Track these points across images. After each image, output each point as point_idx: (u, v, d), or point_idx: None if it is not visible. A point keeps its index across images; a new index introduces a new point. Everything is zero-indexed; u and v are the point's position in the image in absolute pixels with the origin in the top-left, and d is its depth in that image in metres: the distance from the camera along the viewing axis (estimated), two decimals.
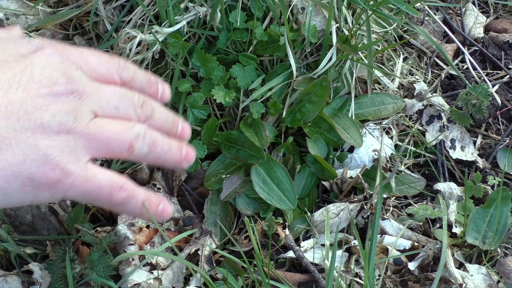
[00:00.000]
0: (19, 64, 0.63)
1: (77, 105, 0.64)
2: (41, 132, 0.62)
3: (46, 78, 0.63)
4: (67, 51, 0.68)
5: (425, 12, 1.16)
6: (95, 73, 0.69)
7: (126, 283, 0.81)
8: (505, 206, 0.88)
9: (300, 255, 0.85)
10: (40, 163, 0.62)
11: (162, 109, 0.74)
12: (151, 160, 0.71)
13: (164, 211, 0.73)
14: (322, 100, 0.95)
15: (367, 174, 0.95)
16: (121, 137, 0.67)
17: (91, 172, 0.65)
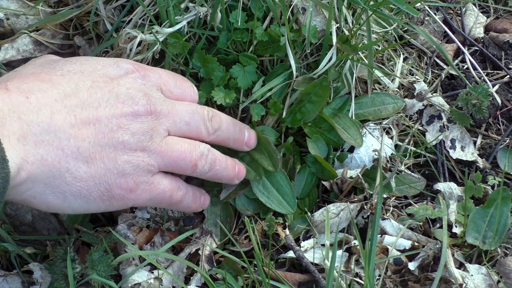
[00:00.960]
0: (108, 85, 0.71)
1: (154, 125, 0.73)
2: (121, 149, 0.70)
3: (130, 99, 0.72)
4: (149, 74, 0.77)
5: (425, 12, 1.16)
6: (171, 93, 0.79)
7: (127, 283, 0.81)
8: (505, 206, 0.88)
9: (300, 255, 0.85)
10: (118, 176, 0.71)
11: (229, 120, 0.85)
12: (210, 177, 0.82)
13: (205, 202, 0.87)
14: (322, 100, 0.95)
15: (367, 174, 0.95)
16: (187, 155, 0.76)
17: (157, 181, 0.75)
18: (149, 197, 0.75)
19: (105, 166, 0.69)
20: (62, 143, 0.65)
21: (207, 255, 0.86)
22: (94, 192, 0.70)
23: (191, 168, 0.77)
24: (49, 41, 1.01)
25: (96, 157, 0.68)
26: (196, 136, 0.79)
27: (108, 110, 0.70)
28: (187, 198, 0.82)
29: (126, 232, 0.87)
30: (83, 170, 0.68)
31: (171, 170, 0.77)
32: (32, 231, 0.91)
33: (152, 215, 0.92)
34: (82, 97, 0.68)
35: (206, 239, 0.88)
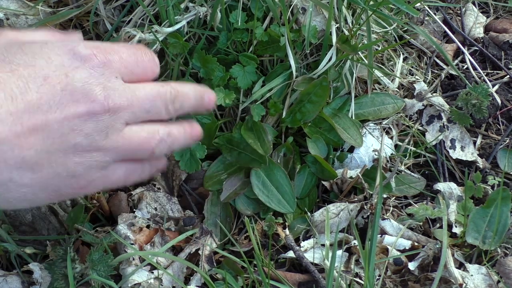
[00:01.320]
0: (61, 82, 0.64)
1: (111, 122, 0.66)
2: (73, 152, 0.65)
3: (85, 96, 0.65)
4: (109, 59, 0.69)
5: (425, 12, 1.16)
6: (132, 74, 0.71)
7: (127, 283, 0.81)
8: (505, 206, 0.88)
9: (300, 255, 0.85)
10: (68, 178, 0.66)
11: (191, 94, 0.77)
12: (166, 152, 0.75)
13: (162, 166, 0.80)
14: (322, 100, 0.95)
15: (367, 174, 0.95)
16: (145, 145, 0.71)
17: (111, 172, 0.70)
18: (102, 187, 0.71)
19: (53, 171, 0.64)
20: (5, 154, 0.60)
21: (207, 255, 0.86)
22: (41, 194, 0.66)
23: (149, 154, 0.73)
24: None
25: (43, 163, 0.63)
26: (157, 118, 0.73)
27: (59, 113, 0.63)
28: (143, 175, 0.76)
29: (126, 232, 0.87)
30: (28, 177, 0.63)
31: (128, 158, 0.72)
32: (32, 231, 0.91)
33: (152, 215, 0.92)
34: (31, 99, 0.62)
35: (206, 239, 0.88)
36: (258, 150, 0.90)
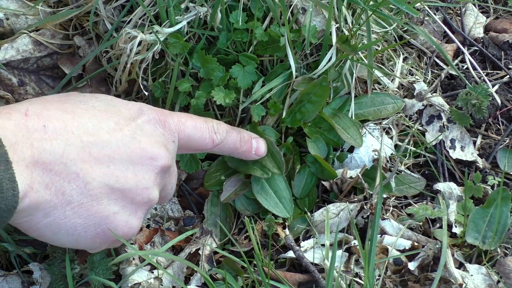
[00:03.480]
0: (130, 130, 0.70)
1: (160, 181, 0.73)
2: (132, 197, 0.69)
3: (150, 153, 0.71)
4: (169, 121, 0.76)
5: (425, 12, 1.16)
6: (189, 138, 0.79)
7: (127, 283, 0.81)
8: (505, 206, 0.88)
9: (300, 255, 0.85)
10: (123, 222, 0.69)
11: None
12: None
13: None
14: (322, 100, 0.95)
15: (367, 174, 0.95)
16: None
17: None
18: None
19: (111, 209, 0.68)
20: (70, 176, 0.64)
21: (207, 255, 0.86)
22: (90, 231, 0.68)
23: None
24: (49, 41, 1.00)
25: (103, 198, 0.67)
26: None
27: (125, 155, 0.68)
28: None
29: None
30: (86, 207, 0.66)
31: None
32: None
33: (153, 215, 0.92)
34: (102, 136, 0.67)
35: (206, 239, 0.88)
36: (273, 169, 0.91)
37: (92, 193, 0.65)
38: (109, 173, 0.66)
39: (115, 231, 0.68)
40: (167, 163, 0.72)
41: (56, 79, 1.03)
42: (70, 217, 0.65)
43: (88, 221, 0.66)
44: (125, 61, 0.93)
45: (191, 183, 0.99)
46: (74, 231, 0.67)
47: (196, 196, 0.98)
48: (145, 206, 0.71)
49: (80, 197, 0.65)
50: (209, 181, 0.95)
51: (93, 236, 0.68)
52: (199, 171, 0.97)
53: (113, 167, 0.67)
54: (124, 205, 0.68)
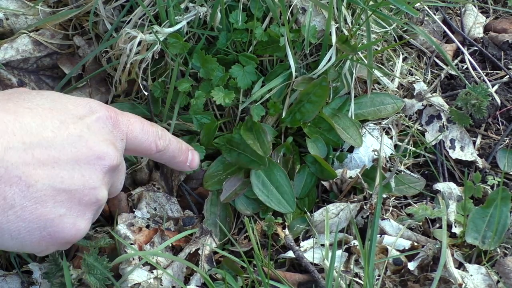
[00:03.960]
0: (77, 128, 0.68)
1: (109, 179, 0.71)
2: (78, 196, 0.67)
3: (97, 146, 0.68)
4: (119, 120, 0.74)
5: (425, 12, 1.16)
6: (136, 139, 0.77)
7: (126, 283, 0.81)
8: (505, 206, 0.88)
9: (299, 255, 0.85)
10: (71, 223, 0.67)
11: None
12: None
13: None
14: (321, 100, 0.95)
15: (367, 174, 0.95)
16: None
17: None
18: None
19: (56, 211, 0.65)
20: (12, 179, 0.62)
21: (207, 255, 0.86)
22: (35, 235, 0.66)
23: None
24: (49, 41, 1.00)
25: (47, 200, 0.64)
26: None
27: (71, 154, 0.66)
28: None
29: (126, 232, 0.87)
30: (29, 211, 0.64)
31: None
32: None
33: (152, 215, 0.92)
34: (46, 136, 0.64)
35: (206, 239, 0.88)
36: (258, 151, 0.90)
37: (35, 195, 0.63)
38: (54, 174, 0.64)
39: (62, 233, 0.66)
40: (115, 162, 0.70)
41: (56, 79, 1.03)
42: (13, 221, 0.63)
43: (33, 224, 0.64)
44: (125, 61, 0.93)
45: (190, 183, 0.99)
46: (18, 235, 0.64)
47: (196, 196, 0.98)
48: (93, 207, 0.68)
49: (23, 200, 0.63)
50: (209, 181, 0.95)
51: (39, 240, 0.66)
52: (199, 171, 0.97)
53: (58, 168, 0.65)
54: (71, 207, 0.66)
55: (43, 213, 0.64)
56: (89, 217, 0.69)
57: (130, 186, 0.97)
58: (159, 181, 0.97)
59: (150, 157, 0.83)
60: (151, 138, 0.79)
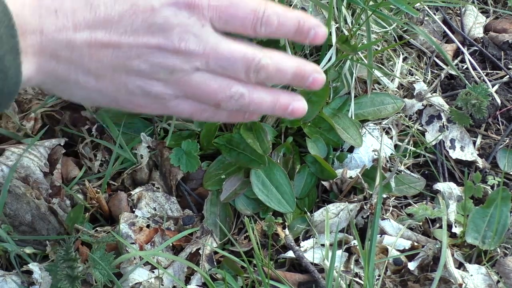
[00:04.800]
0: (145, 14, 0.65)
1: (179, 63, 0.67)
2: (135, 75, 0.67)
3: (161, 32, 0.65)
4: (202, 4, 0.66)
5: (425, 12, 1.16)
6: (227, 24, 0.68)
7: (127, 282, 0.81)
8: (505, 206, 0.88)
9: (300, 255, 0.85)
10: (126, 94, 0.69)
11: (289, 69, 0.70)
12: (242, 109, 0.72)
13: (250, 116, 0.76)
14: (321, 100, 0.95)
15: (367, 174, 0.95)
16: (211, 96, 0.69)
17: (173, 105, 0.70)
18: (163, 114, 0.79)
19: (114, 86, 0.68)
20: (76, 59, 0.64)
21: (207, 255, 0.86)
22: (101, 100, 0.70)
23: (214, 105, 0.71)
24: None
25: (106, 77, 0.67)
26: (233, 77, 0.69)
27: (132, 39, 0.65)
28: (217, 118, 0.75)
29: (127, 232, 0.87)
30: (92, 84, 0.67)
31: (191, 99, 0.71)
32: (32, 231, 0.91)
33: (152, 215, 0.92)
34: (111, 19, 0.64)
35: (206, 239, 0.88)
36: (257, 150, 0.90)
37: (96, 72, 0.67)
38: (113, 56, 0.66)
39: (124, 101, 0.70)
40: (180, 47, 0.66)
41: None
42: (79, 91, 0.68)
43: (96, 93, 0.69)
44: None
45: (190, 183, 0.99)
46: (88, 99, 0.70)
47: (196, 196, 0.98)
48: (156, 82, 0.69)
49: (85, 77, 0.66)
50: (209, 180, 0.95)
51: (107, 103, 0.71)
52: (199, 171, 0.97)
53: (118, 50, 0.66)
54: None
55: (104, 86, 0.68)
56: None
57: (130, 186, 0.97)
58: (159, 180, 0.97)
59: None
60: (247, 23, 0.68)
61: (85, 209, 0.91)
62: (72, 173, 0.97)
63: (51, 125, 1.01)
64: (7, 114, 0.98)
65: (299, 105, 0.73)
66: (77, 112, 1.02)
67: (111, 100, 0.70)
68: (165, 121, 0.97)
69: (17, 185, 0.90)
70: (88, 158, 0.98)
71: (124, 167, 0.97)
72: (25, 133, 0.98)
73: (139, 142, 0.96)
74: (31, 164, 0.94)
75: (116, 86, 0.68)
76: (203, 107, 0.72)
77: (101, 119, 0.97)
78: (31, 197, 0.89)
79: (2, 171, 0.92)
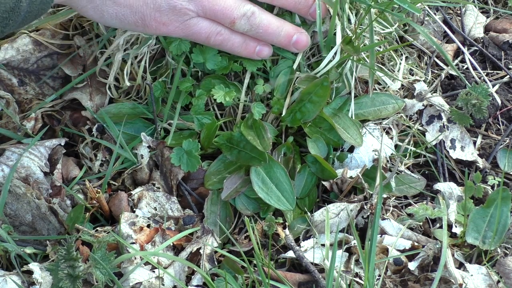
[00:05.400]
0: None
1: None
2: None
3: None
4: None
5: (425, 12, 1.16)
6: None
7: (128, 282, 0.81)
8: (505, 206, 0.88)
9: (300, 255, 0.85)
10: (153, 10, 0.78)
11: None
12: (254, 36, 0.86)
13: (260, 52, 0.89)
14: (322, 100, 0.95)
15: (367, 174, 0.95)
16: (227, 12, 0.82)
17: (193, 23, 0.82)
18: (184, 34, 0.82)
19: (143, 1, 0.77)
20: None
21: (208, 254, 0.86)
22: (129, 18, 0.78)
23: (229, 23, 0.83)
24: (49, 41, 1.00)
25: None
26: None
27: None
28: (230, 44, 0.86)
29: (128, 231, 0.87)
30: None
31: (210, 18, 0.82)
32: (32, 231, 0.91)
33: (153, 215, 0.92)
34: None
35: (207, 238, 0.88)
36: (258, 147, 0.90)
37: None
38: None
39: (151, 19, 0.80)
40: None
41: (56, 79, 1.03)
42: (110, 5, 0.77)
43: (126, 9, 0.78)
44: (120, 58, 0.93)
45: (191, 183, 0.99)
46: (116, 17, 0.79)
47: (196, 196, 0.98)
48: None
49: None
50: (209, 180, 0.95)
51: (134, 22, 0.80)
52: (199, 170, 0.97)
53: None
54: None
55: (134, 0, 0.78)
56: None
57: (130, 186, 0.97)
58: (159, 180, 0.97)
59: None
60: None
61: (86, 209, 0.91)
62: (73, 173, 0.97)
63: (52, 125, 1.01)
64: (7, 114, 0.98)
65: (302, 37, 0.88)
66: (77, 112, 1.02)
67: (139, 18, 0.78)
68: (166, 121, 0.97)
69: (18, 185, 0.90)
70: (88, 158, 0.98)
71: (124, 167, 0.97)
72: (25, 133, 0.98)
73: (140, 142, 0.96)
74: (31, 164, 0.94)
75: (144, 0, 0.77)
76: (219, 29, 0.83)
77: (102, 119, 0.97)
78: (32, 197, 0.89)
79: (3, 171, 0.92)
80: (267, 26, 0.84)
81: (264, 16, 0.84)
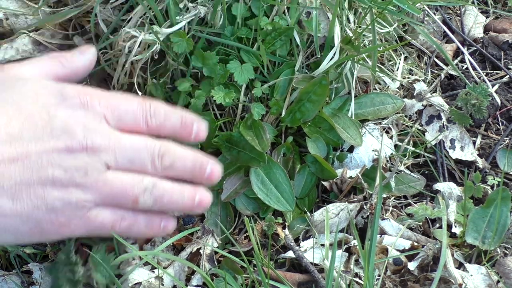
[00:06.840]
0: (43, 119, 0.67)
1: (90, 161, 0.68)
2: (51, 185, 0.66)
3: (65, 133, 0.67)
4: (94, 102, 0.71)
5: (425, 12, 1.16)
6: (120, 121, 0.72)
7: (127, 282, 0.81)
8: (505, 206, 0.88)
9: (300, 255, 0.85)
10: (47, 212, 0.67)
11: (187, 156, 0.76)
12: (159, 209, 0.76)
13: (166, 227, 0.78)
14: (321, 99, 0.95)
15: (367, 174, 0.95)
16: (128, 192, 0.71)
17: (94, 214, 0.71)
18: (86, 230, 0.71)
19: (32, 203, 0.66)
20: None
21: (208, 255, 0.86)
22: (22, 228, 0.66)
23: (132, 203, 0.72)
24: (49, 41, 1.00)
25: (22, 195, 0.65)
26: (141, 170, 0.73)
27: (39, 146, 0.66)
28: (136, 227, 0.76)
29: None
30: (8, 207, 0.65)
31: (110, 204, 0.72)
32: None
33: None
34: (13, 132, 0.65)
35: (207, 239, 0.88)
36: (256, 147, 0.90)
37: (10, 192, 0.66)
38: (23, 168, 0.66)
39: (46, 222, 0.68)
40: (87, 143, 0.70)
41: None
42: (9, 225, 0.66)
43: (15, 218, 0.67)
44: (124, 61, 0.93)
45: None
46: (6, 230, 0.67)
47: None
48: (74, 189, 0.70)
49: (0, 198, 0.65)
50: None
51: (28, 231, 0.68)
52: None
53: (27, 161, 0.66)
54: None
55: (22, 207, 0.66)
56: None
57: None
58: None
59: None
60: (139, 117, 0.75)
61: None
62: None
63: None
64: None
65: (204, 195, 0.77)
66: None
67: (34, 226, 0.67)
68: None
69: None
70: None
71: None
72: None
73: None
74: None
75: (34, 203, 0.66)
76: (122, 214, 0.73)
77: None
78: None
79: None
80: (171, 193, 0.74)
81: (166, 185, 0.74)
